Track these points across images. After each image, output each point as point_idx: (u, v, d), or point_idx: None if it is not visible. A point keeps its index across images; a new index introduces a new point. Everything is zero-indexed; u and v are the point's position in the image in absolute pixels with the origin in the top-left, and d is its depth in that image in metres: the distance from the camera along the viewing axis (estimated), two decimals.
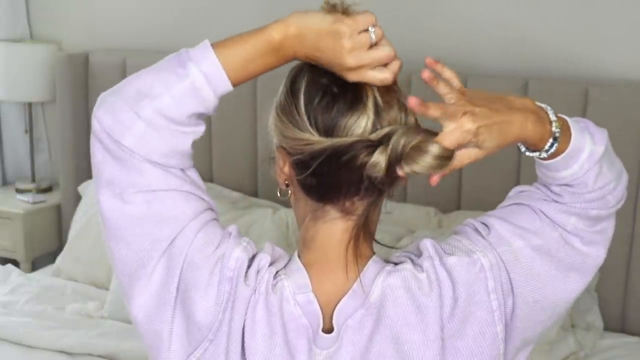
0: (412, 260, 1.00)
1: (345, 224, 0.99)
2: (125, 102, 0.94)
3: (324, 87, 0.96)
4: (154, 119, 0.93)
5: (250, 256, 0.98)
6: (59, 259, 2.67)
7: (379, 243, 1.04)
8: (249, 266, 0.98)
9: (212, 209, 1.01)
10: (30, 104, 3.09)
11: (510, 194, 1.07)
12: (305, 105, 0.95)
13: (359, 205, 0.99)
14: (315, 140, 0.93)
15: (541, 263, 0.98)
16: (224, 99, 0.98)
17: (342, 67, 0.92)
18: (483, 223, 1.02)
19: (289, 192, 1.03)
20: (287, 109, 0.96)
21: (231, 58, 0.94)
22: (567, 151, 0.96)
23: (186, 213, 0.96)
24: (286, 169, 1.00)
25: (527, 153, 0.99)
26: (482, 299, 0.96)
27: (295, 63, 1.00)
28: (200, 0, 2.82)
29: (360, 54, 0.91)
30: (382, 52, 0.92)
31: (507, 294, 0.98)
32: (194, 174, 1.01)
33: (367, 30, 0.92)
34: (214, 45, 0.95)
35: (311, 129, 0.94)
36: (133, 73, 1.00)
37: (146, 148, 0.93)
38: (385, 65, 0.94)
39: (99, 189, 0.97)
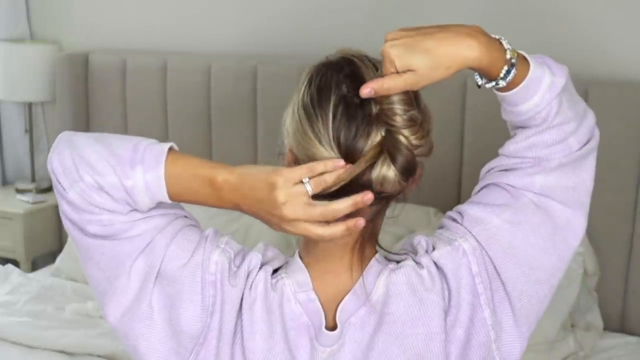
0: (411, 258, 1.01)
1: None
2: (74, 162, 0.95)
3: (346, 98, 0.95)
4: (93, 187, 0.94)
5: (232, 256, 0.99)
6: (59, 259, 2.67)
7: (379, 246, 1.05)
8: (238, 266, 0.99)
9: (184, 216, 1.02)
10: (30, 104, 3.09)
11: (481, 174, 1.07)
12: (333, 120, 0.94)
13: (367, 212, 0.99)
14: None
15: (522, 236, 0.98)
16: (224, 99, 0.98)
17: (279, 218, 0.91)
18: (458, 212, 1.03)
19: None
20: (313, 119, 0.95)
21: (177, 180, 0.94)
22: (525, 80, 0.95)
23: (149, 229, 0.97)
24: None
25: (486, 85, 0.96)
26: (469, 283, 0.97)
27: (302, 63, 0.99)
28: (199, 0, 2.82)
29: (295, 207, 0.90)
30: (316, 211, 0.90)
31: (492, 275, 0.98)
32: None
33: (302, 182, 0.90)
34: (169, 159, 0.94)
35: (334, 154, 0.94)
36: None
37: (89, 202, 0.95)
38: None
39: (60, 212, 0.99)
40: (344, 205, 0.91)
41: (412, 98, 0.94)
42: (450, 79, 0.93)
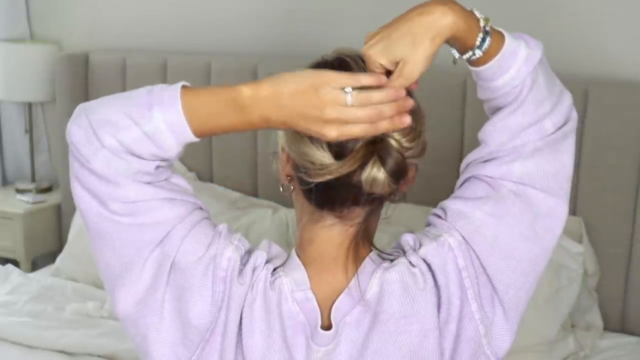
0: (404, 257, 1.01)
1: (344, 228, 1.00)
2: (92, 127, 0.92)
3: None
4: (116, 148, 0.91)
5: (243, 254, 0.99)
6: (59, 259, 2.67)
7: (374, 246, 1.05)
8: (244, 264, 0.98)
9: (201, 208, 1.01)
10: (30, 104, 3.09)
11: (461, 168, 1.06)
12: None
13: (360, 213, 1.00)
14: (327, 163, 0.93)
15: (505, 228, 0.98)
16: None
17: (320, 120, 0.88)
18: (441, 208, 1.03)
19: (291, 188, 1.04)
20: None
21: (197, 109, 0.90)
22: (501, 52, 0.94)
23: (169, 218, 0.95)
24: (288, 168, 1.01)
25: (463, 56, 0.96)
26: (456, 278, 0.97)
27: (301, 61, 1.00)
28: (199, 0, 2.82)
29: (340, 108, 0.87)
30: (362, 112, 0.88)
31: (478, 269, 0.98)
32: (176, 179, 1.00)
33: (344, 90, 0.88)
34: (185, 92, 0.91)
35: (325, 152, 0.94)
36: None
37: (114, 171, 0.92)
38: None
39: (77, 190, 0.95)
40: (382, 93, 0.89)
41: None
42: (449, 78, 0.93)
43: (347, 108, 0.87)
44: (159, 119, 0.90)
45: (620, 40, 2.25)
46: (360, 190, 0.95)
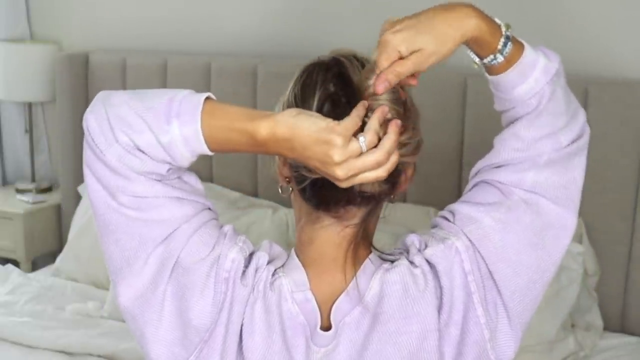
0: (405, 258, 1.01)
1: (341, 228, 1.00)
2: (109, 121, 0.93)
3: (333, 96, 0.95)
4: (131, 146, 0.92)
5: (247, 255, 0.99)
6: (59, 259, 2.67)
7: (374, 247, 1.05)
8: (247, 265, 0.98)
9: (209, 209, 1.01)
10: (30, 104, 3.09)
11: (471, 174, 1.07)
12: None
13: (356, 213, 0.99)
14: None
15: (513, 235, 0.98)
16: (224, 98, 0.98)
17: (330, 176, 0.90)
18: (449, 211, 1.03)
19: (290, 189, 1.04)
20: None
21: (215, 131, 0.91)
22: (521, 59, 0.96)
23: (177, 217, 0.95)
24: (286, 169, 1.01)
25: (484, 60, 0.97)
26: (462, 282, 0.97)
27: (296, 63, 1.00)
28: (199, 0, 2.82)
29: (349, 165, 0.88)
30: (372, 158, 0.89)
31: (485, 274, 0.98)
32: (188, 177, 1.00)
33: (357, 137, 0.89)
34: (205, 110, 0.91)
35: None
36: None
37: (126, 166, 0.93)
38: None
39: (88, 178, 0.96)
40: (391, 141, 0.90)
41: (399, 98, 0.95)
42: (449, 78, 0.93)
43: (356, 161, 0.88)
44: (175, 132, 0.91)
45: (621, 40, 2.25)
46: (352, 189, 0.95)
